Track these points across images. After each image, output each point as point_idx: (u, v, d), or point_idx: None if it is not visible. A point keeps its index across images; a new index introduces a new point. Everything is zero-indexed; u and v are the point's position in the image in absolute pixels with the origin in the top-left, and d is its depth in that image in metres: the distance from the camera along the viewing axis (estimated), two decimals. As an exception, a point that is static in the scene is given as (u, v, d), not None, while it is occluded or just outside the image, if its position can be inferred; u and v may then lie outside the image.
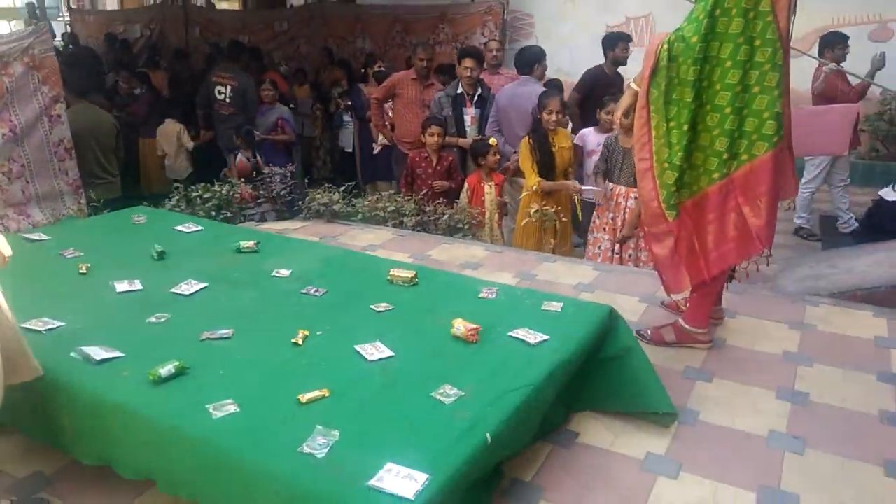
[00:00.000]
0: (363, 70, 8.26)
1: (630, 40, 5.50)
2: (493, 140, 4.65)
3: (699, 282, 2.69)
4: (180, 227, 3.30)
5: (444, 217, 4.37)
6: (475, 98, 5.18)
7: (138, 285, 2.59)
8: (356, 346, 2.15)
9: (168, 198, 4.43)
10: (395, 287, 2.65)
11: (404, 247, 4.02)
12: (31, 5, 14.83)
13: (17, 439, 2.26)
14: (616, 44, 5.42)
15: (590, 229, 4.12)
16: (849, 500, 2.03)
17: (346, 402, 1.87)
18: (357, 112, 7.09)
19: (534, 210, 4.18)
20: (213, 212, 4.40)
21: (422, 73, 5.57)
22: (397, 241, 4.15)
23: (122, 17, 12.38)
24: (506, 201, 4.79)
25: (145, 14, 11.91)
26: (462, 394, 1.91)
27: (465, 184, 4.79)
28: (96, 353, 2.05)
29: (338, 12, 9.94)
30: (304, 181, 4.85)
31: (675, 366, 2.75)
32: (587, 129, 4.90)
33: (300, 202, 4.64)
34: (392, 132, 5.86)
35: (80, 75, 5.62)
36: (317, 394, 1.88)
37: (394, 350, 2.14)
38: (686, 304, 2.95)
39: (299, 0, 11.81)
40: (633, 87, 2.62)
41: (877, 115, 7.40)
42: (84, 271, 2.69)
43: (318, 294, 2.57)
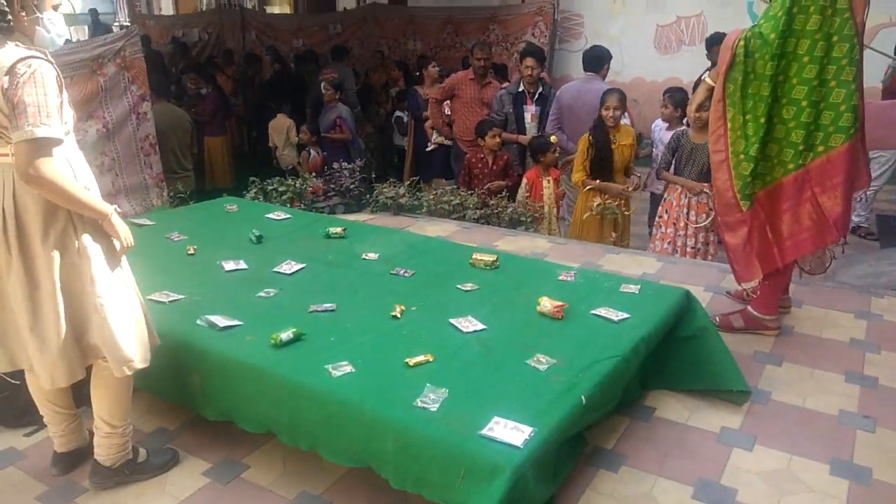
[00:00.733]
0: (417, 73, 8.48)
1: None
2: (553, 138, 4.79)
3: (771, 270, 2.79)
4: (271, 215, 3.55)
5: (507, 210, 4.53)
6: (535, 96, 5.33)
7: (243, 265, 2.82)
8: (451, 320, 2.33)
9: (246, 190, 4.70)
10: (478, 270, 2.82)
11: (470, 238, 4.18)
12: (94, 11, 15.49)
13: (140, 399, 2.50)
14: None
15: (656, 223, 4.22)
16: (923, 474, 2.13)
17: (449, 366, 2.05)
18: (413, 112, 7.30)
19: (596, 203, 4.31)
20: (287, 204, 4.64)
21: (479, 72, 5.72)
22: (463, 233, 4.32)
23: (181, 22, 12.88)
24: (564, 192, 4.92)
25: (203, 18, 12.40)
26: (554, 362, 2.07)
27: (524, 179, 4.94)
28: (220, 321, 2.27)
29: (390, 14, 10.18)
30: (370, 176, 5.05)
31: (745, 350, 2.86)
32: (658, 122, 5.00)
33: (367, 196, 4.86)
34: (451, 130, 6.03)
35: (158, 76, 5.98)
36: (422, 358, 2.06)
37: (486, 324, 2.31)
38: (752, 294, 3.05)
39: (351, 3, 12.13)
40: (709, 81, 2.74)
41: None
42: (192, 252, 2.94)
43: (406, 275, 2.76)
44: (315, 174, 5.07)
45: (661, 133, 4.82)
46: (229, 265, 2.82)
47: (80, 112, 4.39)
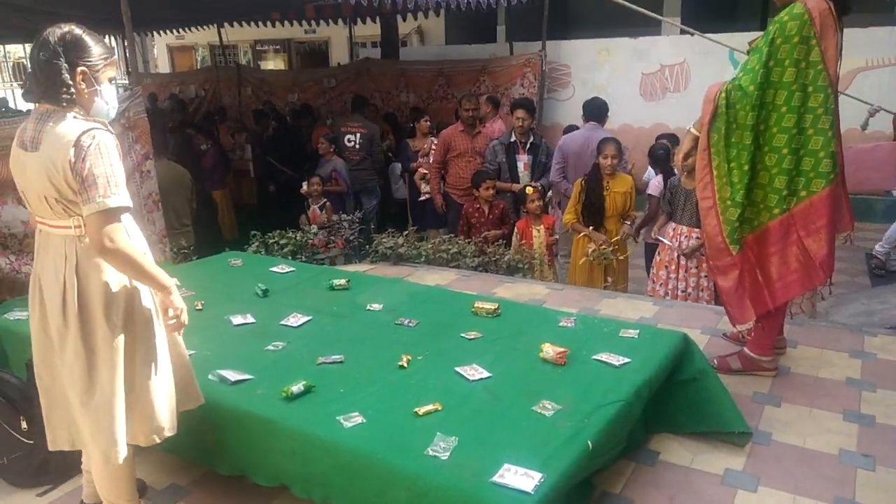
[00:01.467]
0: (410, 124, 8.69)
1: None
2: (529, 188, 4.94)
3: (763, 312, 2.88)
4: (275, 269, 3.62)
5: (504, 258, 4.63)
6: (527, 145, 5.51)
7: (251, 319, 2.89)
8: (456, 368, 2.39)
9: (248, 244, 4.78)
10: (480, 318, 2.89)
11: (469, 286, 4.26)
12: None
13: (151, 456, 2.52)
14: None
15: (652, 265, 4.32)
16: (924, 510, 2.17)
17: (458, 415, 2.10)
18: (404, 164, 7.45)
19: (591, 249, 4.42)
20: (289, 256, 4.72)
21: (468, 122, 5.89)
22: (462, 282, 4.40)
23: (178, 79, 13.21)
24: (556, 239, 5.04)
25: (200, 76, 12.71)
26: (560, 407, 2.12)
27: (516, 228, 5.07)
28: (231, 375, 2.33)
29: (382, 68, 10.47)
30: (370, 227, 5.17)
31: (744, 391, 2.92)
32: (651, 173, 5.17)
33: (367, 246, 4.96)
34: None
35: (158, 134, 6.12)
36: (430, 407, 2.12)
37: (491, 371, 2.38)
38: (748, 335, 3.12)
39: (344, 58, 12.48)
40: (693, 132, 2.88)
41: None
42: (200, 307, 3.00)
43: (411, 325, 2.83)
44: (318, 227, 5.18)
45: (653, 181, 5.00)
46: (237, 319, 2.88)
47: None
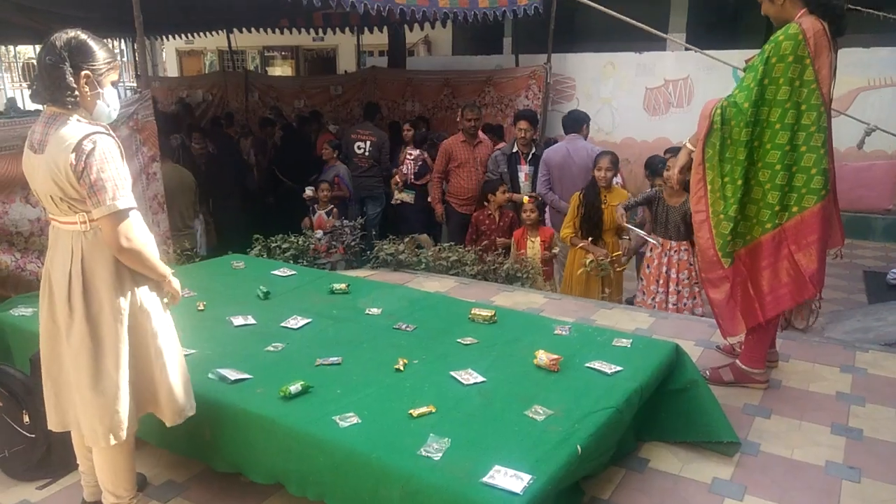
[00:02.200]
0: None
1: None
2: (525, 198, 5.01)
3: (755, 324, 2.92)
4: (276, 272, 3.68)
5: (503, 266, 4.68)
6: (529, 156, 5.57)
7: (252, 320, 2.94)
8: (451, 373, 2.44)
9: (250, 247, 4.84)
10: (477, 324, 2.94)
11: (467, 294, 4.31)
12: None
13: (149, 452, 2.57)
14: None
15: (640, 276, 4.37)
16: (907, 521, 2.21)
17: (451, 417, 2.15)
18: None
19: (589, 260, 4.46)
20: (290, 260, 4.78)
21: (469, 132, 5.94)
22: (460, 289, 4.45)
23: (186, 84, 13.32)
24: (555, 254, 5.09)
25: (207, 80, 12.81)
26: (551, 413, 2.17)
27: (513, 237, 5.13)
28: (230, 374, 2.38)
29: (389, 77, 10.58)
30: (372, 233, 5.23)
31: (735, 403, 2.96)
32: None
33: (368, 252, 5.02)
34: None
35: (163, 138, 6.21)
36: (425, 409, 2.17)
37: (485, 376, 2.42)
38: (740, 348, 3.17)
39: (351, 66, 12.60)
40: (689, 146, 2.94)
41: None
42: (202, 308, 3.06)
43: (408, 329, 2.88)
44: (321, 232, 5.24)
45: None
46: (238, 320, 2.93)
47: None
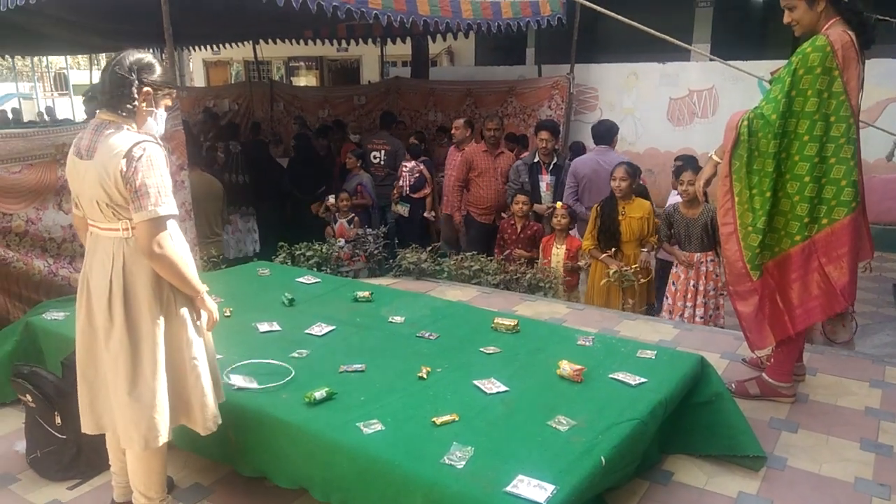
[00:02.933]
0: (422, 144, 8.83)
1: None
2: (559, 203, 4.99)
3: (784, 337, 2.88)
4: (301, 279, 3.73)
5: (526, 276, 4.68)
6: (550, 166, 5.57)
7: (277, 326, 2.98)
8: (474, 381, 2.45)
9: (275, 254, 4.90)
10: (500, 333, 2.95)
11: (489, 303, 4.32)
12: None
13: (176, 455, 2.61)
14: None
15: (665, 294, 4.33)
16: (940, 541, 2.16)
17: (474, 426, 2.15)
18: None
19: (612, 271, 4.44)
20: (314, 268, 4.82)
21: (491, 142, 5.95)
22: (482, 298, 4.46)
23: (212, 94, 13.53)
24: (581, 266, 5.06)
25: (234, 90, 13.00)
26: (575, 423, 2.17)
27: (534, 249, 5.13)
28: (242, 381, 2.41)
29: (412, 87, 10.66)
30: (394, 242, 5.26)
31: (762, 416, 2.92)
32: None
33: (390, 260, 5.05)
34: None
35: (190, 146, 6.32)
36: (448, 418, 2.18)
37: (508, 386, 2.43)
38: (767, 361, 3.13)
39: (375, 76, 12.72)
40: (715, 158, 2.91)
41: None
42: (228, 314, 3.10)
43: (431, 338, 2.90)
44: (344, 240, 5.28)
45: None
46: (263, 327, 2.98)
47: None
